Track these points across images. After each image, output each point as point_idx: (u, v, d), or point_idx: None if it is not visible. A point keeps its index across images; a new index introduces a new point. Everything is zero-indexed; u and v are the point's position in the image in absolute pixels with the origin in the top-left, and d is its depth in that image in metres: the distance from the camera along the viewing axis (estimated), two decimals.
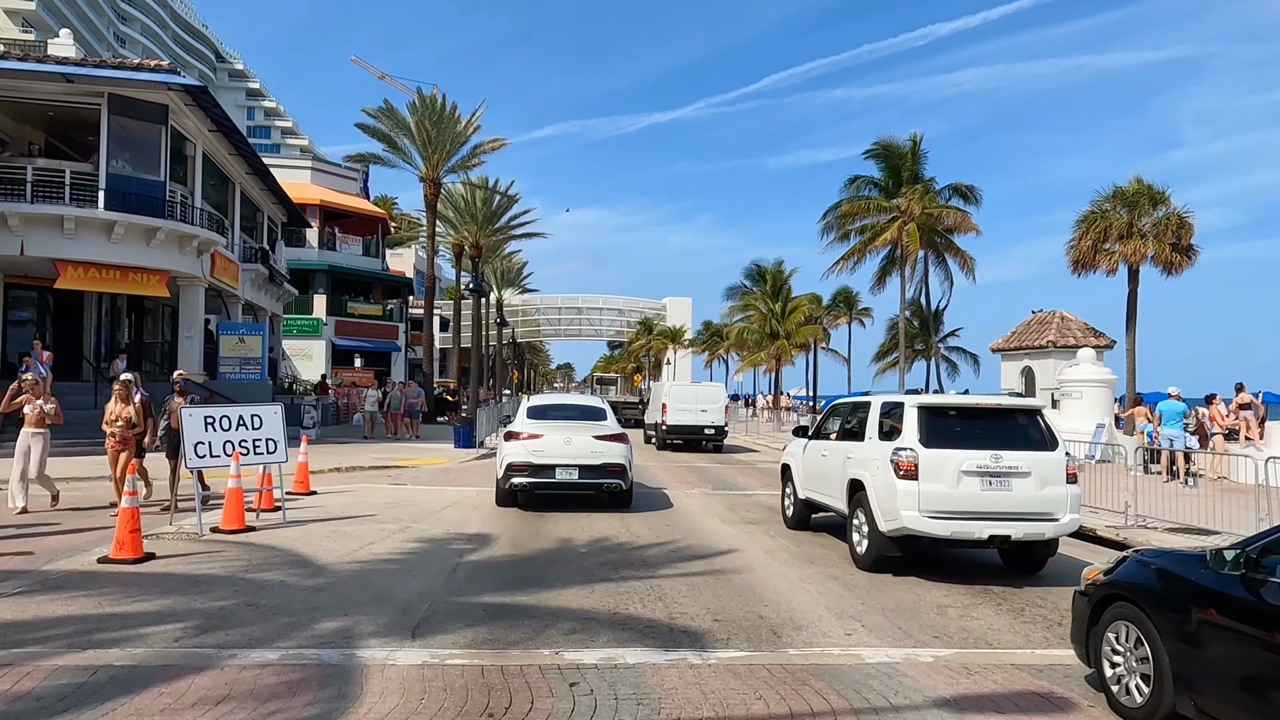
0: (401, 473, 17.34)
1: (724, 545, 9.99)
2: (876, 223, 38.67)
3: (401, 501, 13.10)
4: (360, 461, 18.32)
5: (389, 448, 22.11)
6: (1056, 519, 8.15)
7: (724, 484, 17.10)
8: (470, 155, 36.51)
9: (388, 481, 15.88)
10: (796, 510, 11.20)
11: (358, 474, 16.90)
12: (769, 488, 16.52)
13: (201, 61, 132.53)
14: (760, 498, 14.90)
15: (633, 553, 9.41)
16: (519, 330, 75.27)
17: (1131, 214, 25.12)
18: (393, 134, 35.36)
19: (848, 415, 10.10)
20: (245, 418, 10.37)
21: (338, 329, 46.15)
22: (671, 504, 13.63)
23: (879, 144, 38.37)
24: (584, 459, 12.52)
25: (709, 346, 76.41)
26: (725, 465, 21.52)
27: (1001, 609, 7.35)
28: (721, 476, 18.61)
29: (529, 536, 10.30)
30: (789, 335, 36.89)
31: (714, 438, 25.47)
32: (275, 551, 8.88)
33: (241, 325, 23.22)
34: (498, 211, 40.97)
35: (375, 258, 50.28)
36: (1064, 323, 27.63)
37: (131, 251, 20.26)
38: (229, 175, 26.48)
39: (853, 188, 39.10)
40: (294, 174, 46.57)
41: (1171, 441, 16.90)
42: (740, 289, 42.25)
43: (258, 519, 10.82)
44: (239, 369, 22.75)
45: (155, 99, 20.26)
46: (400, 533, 10.24)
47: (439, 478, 16.77)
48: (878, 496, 8.46)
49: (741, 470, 20.32)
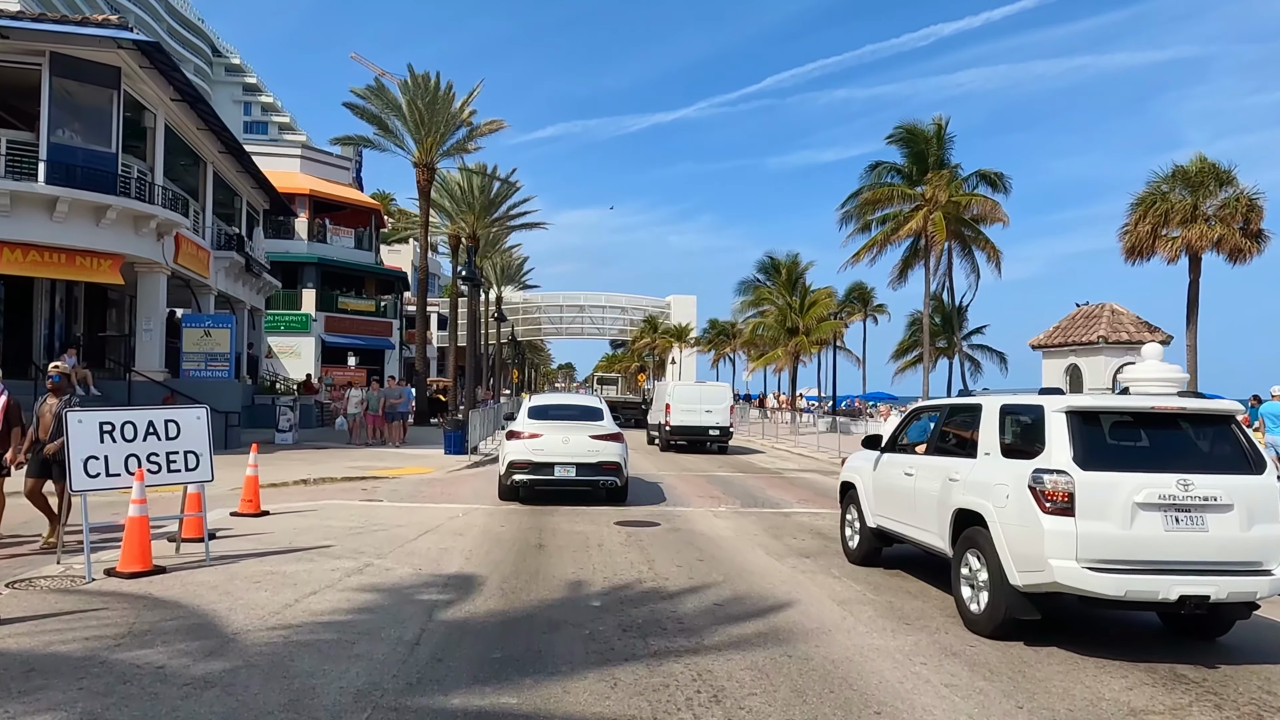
0: (379, 486, 14.96)
1: (780, 592, 7.61)
2: (899, 212, 36.28)
3: (370, 525, 10.72)
4: (333, 472, 15.95)
5: (371, 455, 19.73)
6: (1271, 571, 5.76)
7: (754, 499, 14.72)
8: (466, 138, 34.13)
9: (360, 497, 13.50)
10: (864, 541, 8.81)
11: (327, 487, 14.52)
12: (808, 504, 14.13)
13: (197, 55, 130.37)
14: (802, 518, 12.50)
15: (663, 606, 7.03)
16: (519, 329, 72.91)
17: (1194, 195, 22.71)
18: (383, 115, 32.99)
19: (945, 422, 7.70)
20: (157, 425, 7.99)
21: (328, 325, 43.82)
22: (699, 527, 11.24)
23: (902, 128, 36.01)
24: (581, 457, 13.03)
25: (715, 345, 74.05)
26: (749, 475, 19.14)
27: (1226, 713, 4.96)
28: (748, 489, 16.22)
29: (525, 578, 7.92)
30: (808, 331, 34.48)
31: (719, 439, 24.91)
32: (175, 610, 6.50)
33: (207, 317, 20.91)
34: (496, 200, 38.60)
35: (368, 251, 47.92)
36: (1115, 316, 25.21)
37: (78, 232, 17.89)
38: (200, 154, 24.12)
39: (874, 174, 36.71)
40: (282, 162, 44.20)
41: (1277, 449, 14.50)
42: (753, 283, 39.86)
43: (178, 552, 8.46)
44: (204, 366, 20.39)
45: (104, 59, 17.90)
46: (356, 574, 7.86)
47: (421, 492, 14.38)
48: (1009, 538, 6.06)
49: (769, 481, 17.93)
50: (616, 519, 11.73)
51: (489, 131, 34.22)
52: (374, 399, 21.76)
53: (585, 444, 13.13)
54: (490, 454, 21.12)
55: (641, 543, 9.96)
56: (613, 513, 12.36)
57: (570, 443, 13.11)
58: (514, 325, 66.60)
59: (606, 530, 10.77)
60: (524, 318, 77.70)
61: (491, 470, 17.87)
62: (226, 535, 9.59)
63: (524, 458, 12.97)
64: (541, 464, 12.93)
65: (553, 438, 13.13)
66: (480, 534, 10.29)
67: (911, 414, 8.82)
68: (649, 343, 75.00)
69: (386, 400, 21.43)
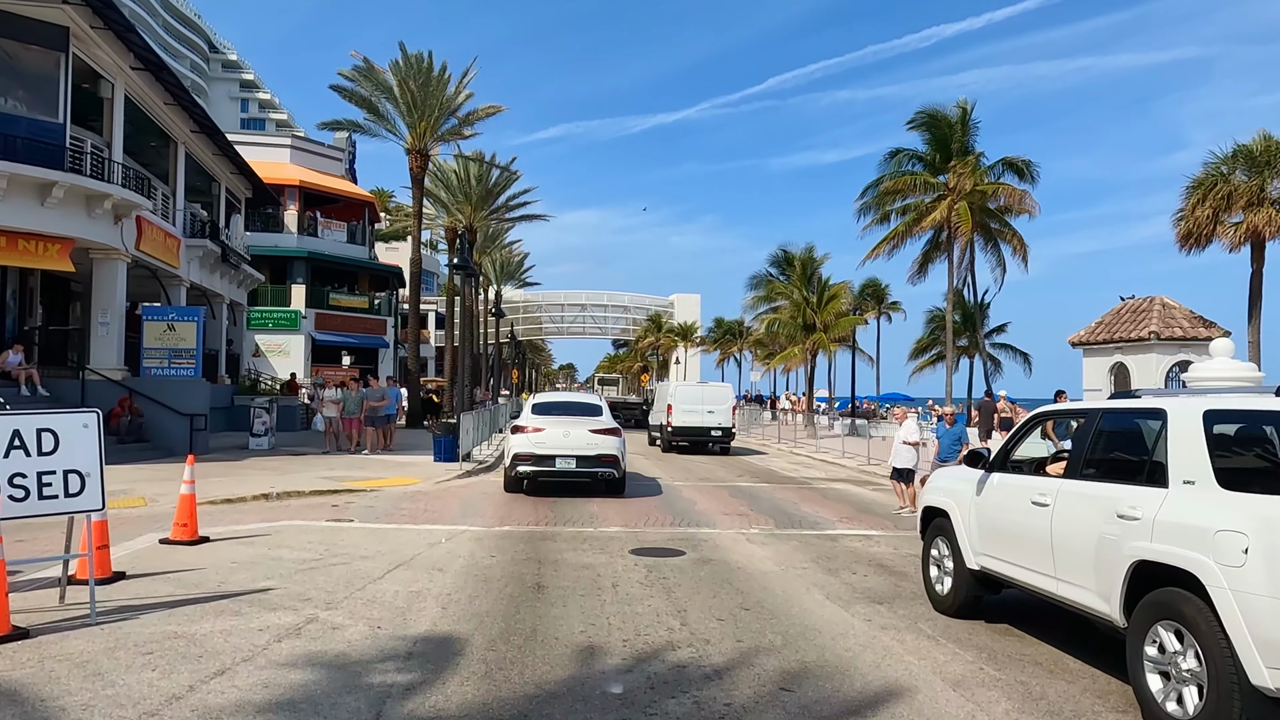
0: (353, 501, 12.92)
1: (865, 665, 5.57)
2: (921, 202, 34.23)
3: (330, 555, 8.69)
4: (302, 484, 13.90)
5: (351, 463, 17.70)
6: None
7: (788, 517, 12.66)
8: (462, 123, 32.11)
9: (328, 516, 11.46)
10: (960, 587, 6.75)
11: (292, 504, 12.48)
12: (852, 523, 12.09)
13: (194, 52, 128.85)
14: (852, 543, 10.45)
15: (711, 694, 4.98)
16: (520, 328, 70.88)
17: (1260, 176, 20.65)
18: (373, 98, 30.96)
19: (1097, 433, 5.62)
20: (24, 435, 5.95)
21: (318, 323, 41.81)
22: (734, 558, 9.20)
23: (924, 113, 33.91)
24: (581, 450, 13.78)
25: (721, 345, 71.96)
26: (776, 486, 17.08)
27: None
28: (778, 504, 14.17)
29: (518, 642, 5.88)
30: (826, 328, 32.41)
31: (721, 439, 24.83)
32: (9, 708, 4.48)
33: (172, 309, 18.88)
34: (495, 190, 36.59)
35: (362, 245, 45.85)
36: (1166, 311, 23.14)
37: (20, 212, 15.88)
38: (169, 132, 22.09)
39: (894, 162, 34.63)
40: (271, 152, 42.20)
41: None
42: (765, 278, 37.74)
43: (61, 602, 6.44)
44: (168, 363, 18.36)
45: (48, 17, 15.88)
46: (291, 637, 5.82)
47: (401, 509, 12.33)
48: (1251, 615, 4.00)
49: (799, 494, 15.87)
50: (632, 546, 9.70)
51: (486, 115, 32.22)
52: (352, 401, 19.28)
53: (585, 438, 13.92)
54: (485, 461, 19.08)
55: (666, 581, 7.92)
56: (625, 537, 10.34)
57: (570, 436, 13.89)
58: (513, 324, 64.61)
59: (621, 562, 8.73)
60: (524, 316, 75.66)
61: (485, 481, 15.85)
62: (142, 574, 7.56)
63: (527, 450, 13.82)
64: (544, 456, 13.77)
65: (554, 432, 13.90)
66: (464, 569, 8.25)
67: (1032, 420, 6.76)
68: (653, 342, 72.92)
69: (367, 402, 19.20)
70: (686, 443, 24.67)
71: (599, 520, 11.73)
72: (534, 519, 11.75)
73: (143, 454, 17.04)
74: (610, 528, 11.07)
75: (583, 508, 12.83)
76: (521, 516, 11.92)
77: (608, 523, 11.52)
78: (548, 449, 13.78)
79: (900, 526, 11.94)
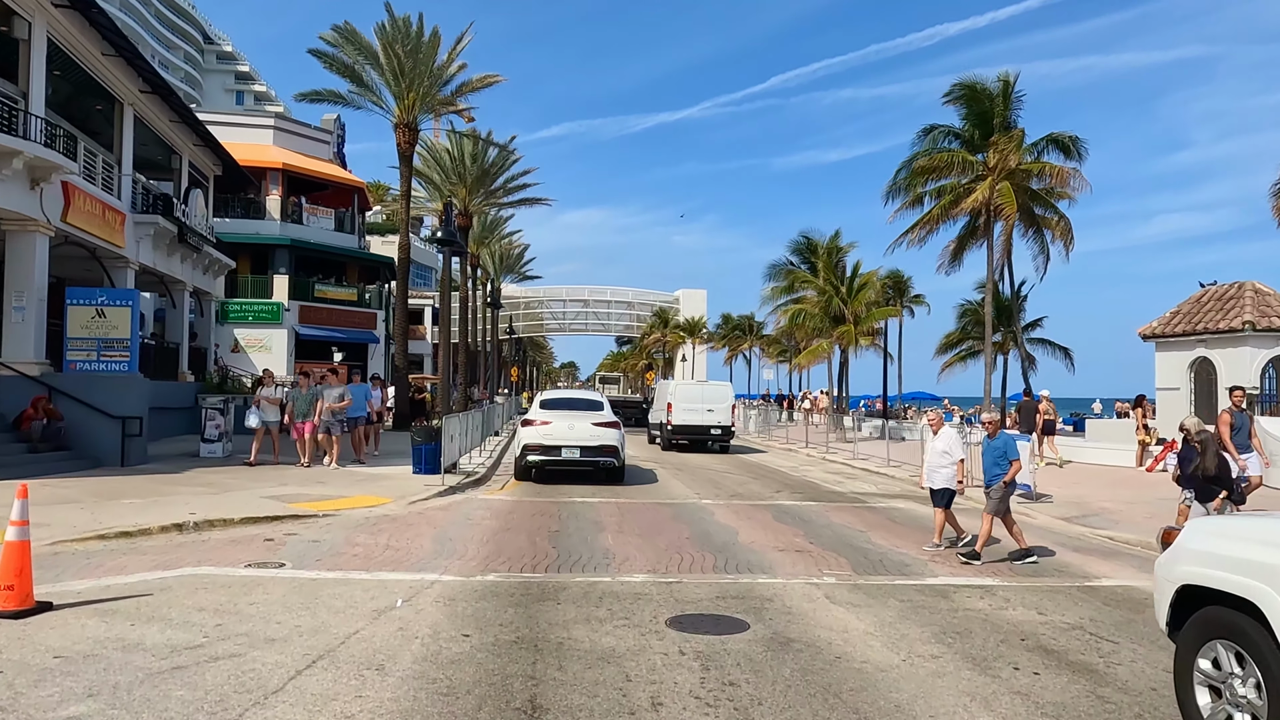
0: (296, 532, 9.95)
1: None
2: (957, 183, 31.21)
3: (217, 639, 5.74)
4: (234, 508, 10.92)
5: (309, 476, 14.74)
6: None
7: (862, 554, 9.69)
8: (455, 94, 29.14)
9: (252, 557, 8.50)
10: None
11: (213, 537, 9.51)
12: (951, 565, 9.11)
13: (187, 42, 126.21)
14: (972, 600, 7.49)
15: None
16: (520, 325, 67.93)
17: None
18: (357, 66, 27.96)
19: None
20: None
21: (302, 316, 38.89)
22: (824, 638, 6.22)
23: (962, 85, 30.84)
24: (584, 441, 15.25)
25: (730, 342, 68.97)
26: (826, 505, 14.09)
27: None
28: (839, 532, 11.20)
29: None
30: (857, 319, 29.40)
31: (720, 438, 24.96)
32: None
33: (101, 291, 15.91)
34: (491, 170, 33.58)
35: (351, 234, 42.91)
36: (1261, 298, 20.19)
37: None
38: (113, 91, 19.10)
39: (929, 139, 31.60)
40: (252, 133, 39.28)
41: None
42: (785, 267, 34.72)
43: None
44: (96, 355, 15.40)
45: None
46: None
47: (355, 544, 9.35)
48: None
49: (858, 516, 12.89)
50: (670, 612, 6.75)
51: (481, 86, 29.26)
52: (303, 400, 15.25)
53: (588, 430, 15.34)
54: (474, 473, 16.14)
55: (735, 692, 4.97)
56: (657, 593, 7.40)
57: (575, 429, 15.29)
58: (512, 318, 61.70)
59: (658, 648, 5.78)
60: (525, 313, 72.69)
61: (472, 501, 12.92)
62: None
63: (536, 441, 15.20)
64: (551, 446, 15.13)
65: (560, 425, 15.36)
66: (417, 670, 5.29)
67: None
68: (659, 338, 69.90)
69: (322, 403, 15.26)
70: (686, 441, 24.74)
71: (617, 560, 8.78)
72: (530, 557, 8.81)
73: (60, 465, 14.10)
74: (634, 575, 8.13)
75: (594, 540, 9.90)
76: (513, 553, 8.98)
77: (629, 565, 8.58)
78: (554, 440, 15.25)
79: (1019, 574, 9.00)
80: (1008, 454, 9.61)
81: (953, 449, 10.12)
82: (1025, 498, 14.15)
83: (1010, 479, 9.53)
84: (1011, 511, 9.84)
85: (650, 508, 12.92)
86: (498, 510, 12.17)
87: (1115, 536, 11.25)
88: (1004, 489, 9.53)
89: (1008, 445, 9.68)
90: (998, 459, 9.65)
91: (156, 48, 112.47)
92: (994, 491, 9.59)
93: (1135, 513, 13.05)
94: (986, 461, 9.78)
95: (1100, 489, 15.88)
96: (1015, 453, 9.67)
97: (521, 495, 13.97)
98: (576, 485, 15.23)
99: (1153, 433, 19.38)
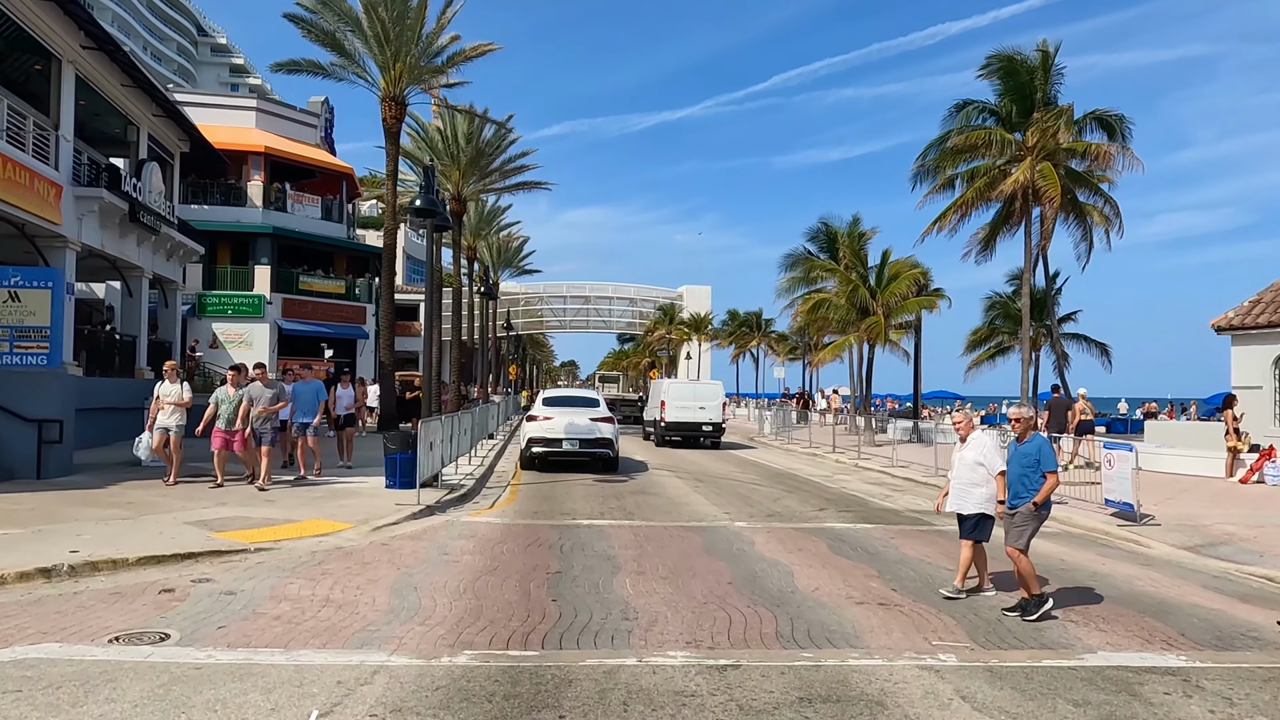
0: (210, 575, 7.45)
1: None
2: (992, 164, 28.71)
3: None
4: (138, 541, 8.41)
5: (254, 495, 12.25)
6: None
7: (939, 590, 7.22)
8: (447, 64, 26.59)
9: (134, 620, 6.02)
10: None
11: (91, 583, 7.02)
12: (1098, 625, 6.61)
13: (181, 34, 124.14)
14: (1160, 691, 5.00)
15: None
16: (519, 322, 65.44)
17: None
18: (338, 33, 25.40)
19: None
20: None
21: (286, 309, 36.47)
22: None
23: (999, 57, 28.28)
24: (583, 434, 17.06)
25: (736, 339, 66.45)
26: (890, 530, 11.59)
27: None
28: (920, 569, 8.71)
29: None
30: (887, 312, 26.89)
31: (711, 434, 25.90)
32: None
33: (13, 270, 13.31)
34: (488, 151, 31.06)
35: (338, 223, 40.47)
36: None
37: None
38: (48, 44, 16.61)
39: (961, 116, 29.07)
40: (233, 115, 36.92)
41: None
42: (803, 256, 32.22)
43: None
44: (8, 347, 12.90)
45: None
46: None
47: (283, 598, 6.84)
48: None
49: (935, 548, 10.40)
50: None
51: (474, 56, 26.65)
52: (228, 404, 12.08)
53: (586, 425, 17.19)
54: (461, 486, 13.65)
55: None
56: (702, 683, 4.93)
57: (574, 423, 17.13)
58: (510, 314, 59.25)
59: None
60: (524, 309, 70.17)
61: (453, 526, 10.40)
62: None
63: (540, 435, 17.01)
64: (553, 439, 16.90)
65: (561, 420, 17.21)
66: None
67: None
68: (663, 335, 67.35)
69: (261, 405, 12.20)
70: (679, 437, 25.84)
71: (642, 622, 6.32)
72: (522, 619, 6.36)
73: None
74: (669, 652, 5.66)
75: (608, 586, 7.42)
76: (499, 611, 6.52)
77: (659, 631, 6.11)
78: (556, 433, 16.95)
79: (1195, 641, 6.51)
80: (1041, 464, 7.07)
81: (989, 459, 7.52)
82: (1126, 519, 11.68)
83: (1043, 498, 7.03)
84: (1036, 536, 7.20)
85: (674, 534, 10.44)
86: (484, 539, 9.69)
87: (1275, 577, 8.77)
88: (1033, 513, 7.05)
89: (1042, 452, 7.12)
90: (1027, 469, 7.11)
91: (149, 39, 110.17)
92: (1020, 518, 7.10)
93: (1273, 540, 10.58)
94: (1012, 473, 7.25)
95: (1202, 506, 13.39)
96: (1052, 463, 7.11)
97: (515, 517, 11.49)
98: (579, 493, 12.76)
99: (1244, 438, 16.88)
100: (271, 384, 12.92)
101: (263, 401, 12.43)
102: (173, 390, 12.54)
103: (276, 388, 12.92)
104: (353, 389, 17.49)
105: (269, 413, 12.46)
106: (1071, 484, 13.57)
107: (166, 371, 12.78)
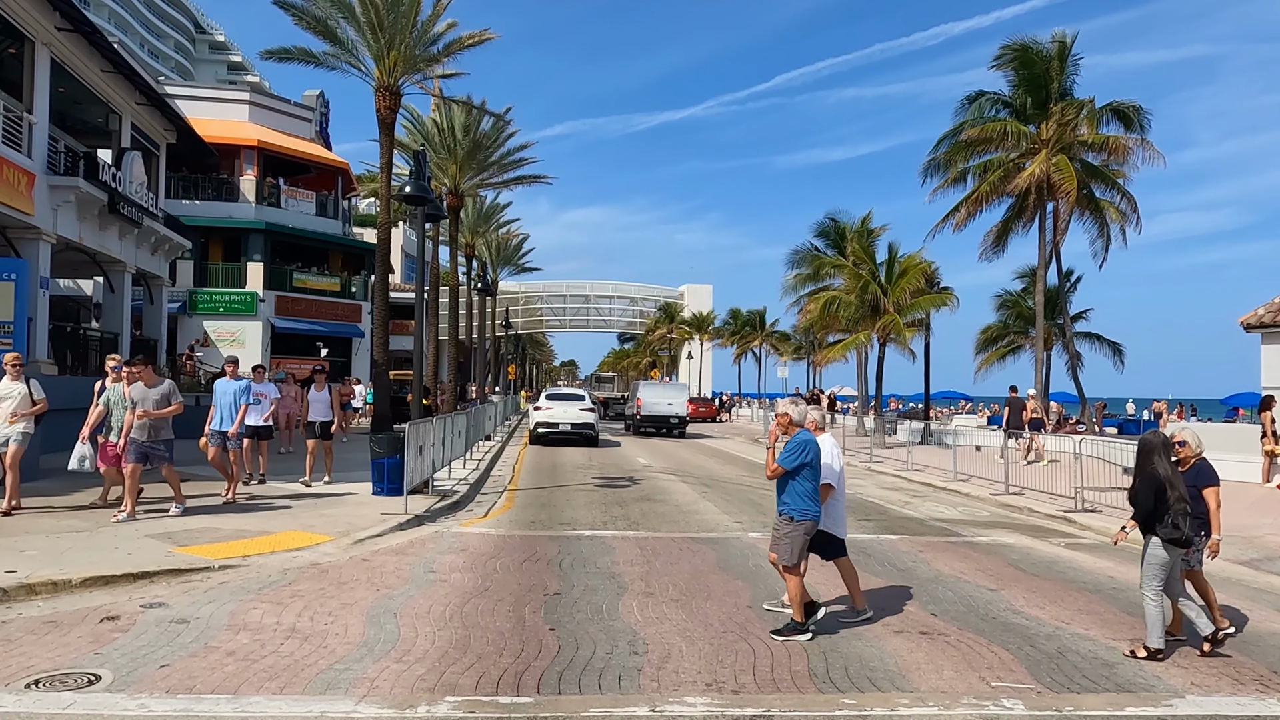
0: (164, 598, 6.58)
1: None
2: (1005, 157, 27.85)
3: None
4: (92, 558, 7.54)
5: (228, 506, 11.38)
6: None
7: (984, 615, 6.37)
8: (444, 53, 25.71)
9: (63, 656, 5.16)
10: None
11: (27, 608, 6.15)
12: (1205, 684, 5.76)
13: (179, 31, 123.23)
14: None
15: None
16: (519, 321, 64.60)
17: None
18: (330, 19, 24.51)
19: None
20: None
21: (279, 307, 35.59)
22: None
23: (1013, 47, 27.43)
24: (573, 420, 24.71)
25: (738, 338, 65.59)
26: (920, 544, 10.70)
27: None
28: (966, 596, 7.85)
29: None
30: (901, 308, 26.03)
31: (677, 425, 32.10)
32: None
33: None
34: (485, 143, 30.17)
35: (333, 219, 39.59)
36: None
37: None
38: (20, 24, 15.77)
39: (974, 108, 28.23)
40: (226, 109, 36.11)
41: None
42: (810, 253, 31.38)
43: None
44: None
45: None
46: None
47: (244, 625, 5.96)
48: None
49: (977, 567, 9.51)
50: None
51: (471, 44, 25.68)
52: (119, 409, 9.73)
53: (575, 413, 24.90)
54: (455, 493, 12.78)
55: None
56: None
57: (567, 412, 24.87)
58: (510, 313, 58.36)
59: None
60: (524, 308, 69.30)
61: (444, 537, 9.51)
62: None
63: (543, 419, 24.80)
64: (552, 423, 24.60)
65: (558, 409, 25.00)
66: None
67: None
68: (664, 333, 66.47)
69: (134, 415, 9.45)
70: (651, 428, 32.19)
71: (653, 657, 5.45)
72: (515, 653, 5.50)
73: None
74: (686, 697, 4.80)
75: (613, 611, 6.57)
76: (489, 644, 5.66)
77: (674, 668, 5.25)
78: (554, 419, 24.60)
79: None
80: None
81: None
82: None
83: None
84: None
85: (683, 547, 9.58)
86: (476, 553, 8.84)
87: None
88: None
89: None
90: None
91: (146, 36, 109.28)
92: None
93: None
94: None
95: (1247, 515, 12.54)
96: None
97: (511, 527, 10.62)
98: (580, 499, 11.90)
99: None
100: (157, 382, 9.88)
101: (148, 404, 9.55)
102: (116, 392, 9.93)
103: (165, 386, 9.87)
104: (329, 392, 15.08)
105: (150, 418, 9.54)
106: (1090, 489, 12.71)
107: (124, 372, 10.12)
